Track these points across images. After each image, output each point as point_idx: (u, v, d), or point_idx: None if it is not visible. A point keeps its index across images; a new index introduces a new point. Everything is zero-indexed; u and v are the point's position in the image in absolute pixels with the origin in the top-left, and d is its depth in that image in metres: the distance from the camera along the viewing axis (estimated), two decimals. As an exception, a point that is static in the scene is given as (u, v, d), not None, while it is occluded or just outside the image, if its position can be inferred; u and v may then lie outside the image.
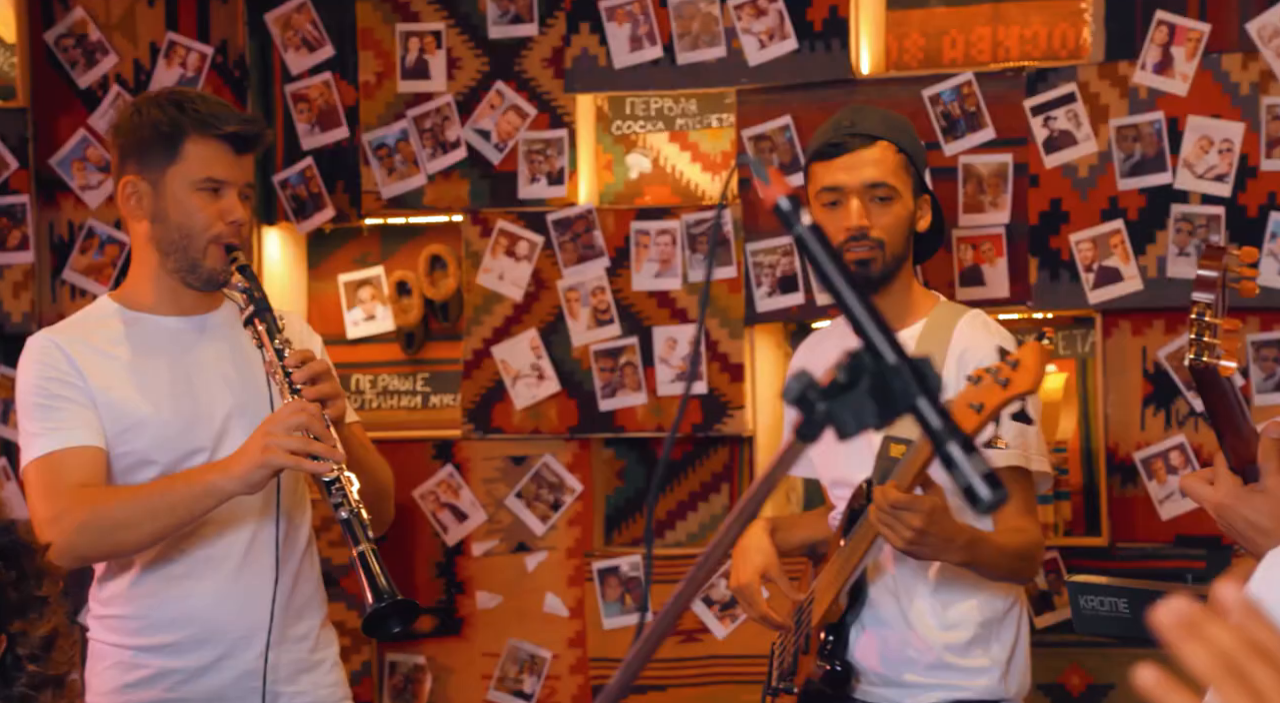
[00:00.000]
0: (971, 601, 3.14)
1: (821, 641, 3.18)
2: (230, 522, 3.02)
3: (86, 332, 3.06)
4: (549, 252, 4.26)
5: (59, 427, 2.98)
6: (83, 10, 4.43)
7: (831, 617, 3.17)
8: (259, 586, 3.04)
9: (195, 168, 3.02)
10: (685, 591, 1.48)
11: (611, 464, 4.34)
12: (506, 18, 4.29)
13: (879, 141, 3.16)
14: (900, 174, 3.18)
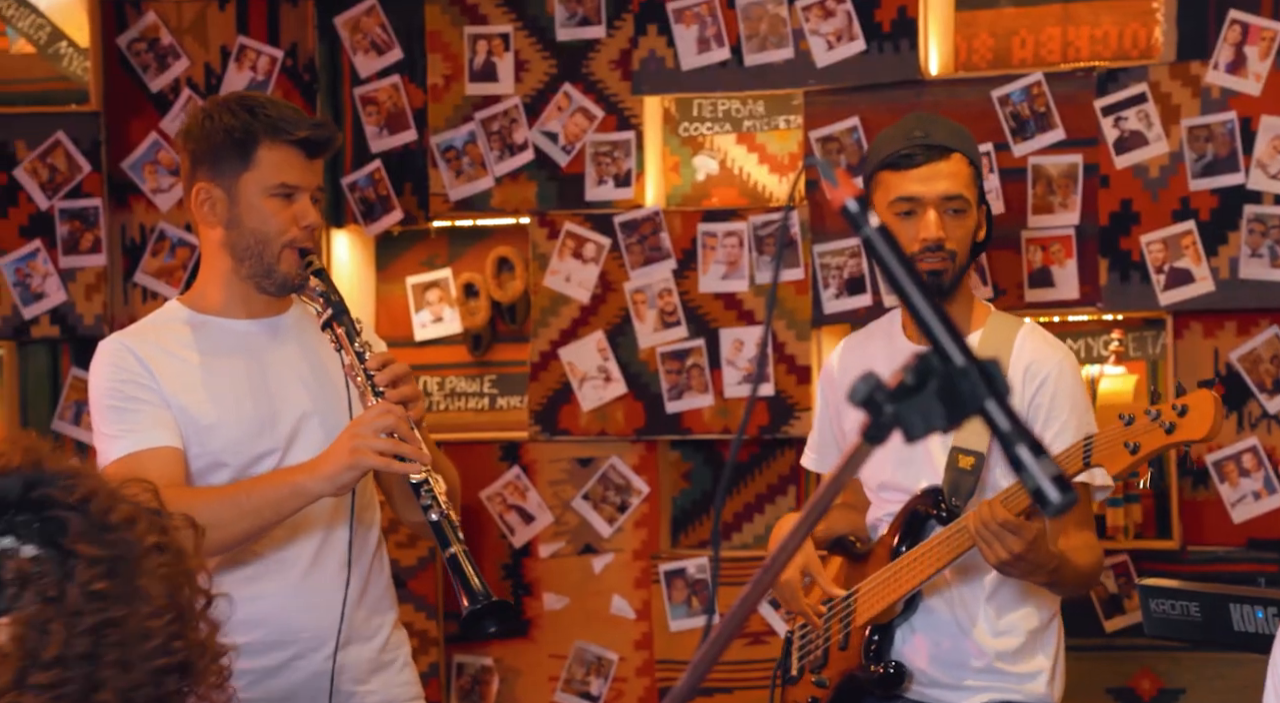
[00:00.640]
0: (1022, 610, 3.19)
1: (866, 639, 3.19)
2: (301, 524, 3.04)
3: (157, 335, 3.08)
4: (616, 254, 4.26)
5: (135, 428, 3.00)
6: (155, 15, 4.46)
7: (883, 619, 3.19)
8: (329, 587, 3.05)
9: (268, 174, 3.03)
10: (752, 593, 1.48)
11: (678, 466, 4.33)
12: (574, 20, 4.30)
13: (954, 154, 3.17)
14: (971, 186, 3.19)
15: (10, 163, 4.48)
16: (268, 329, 3.10)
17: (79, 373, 4.46)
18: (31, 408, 4.51)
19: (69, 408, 4.48)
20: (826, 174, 1.49)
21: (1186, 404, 2.90)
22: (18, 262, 4.48)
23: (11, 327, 4.49)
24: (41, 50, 4.61)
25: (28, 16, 4.61)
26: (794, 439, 4.19)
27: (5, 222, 4.49)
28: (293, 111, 3.09)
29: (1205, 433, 2.88)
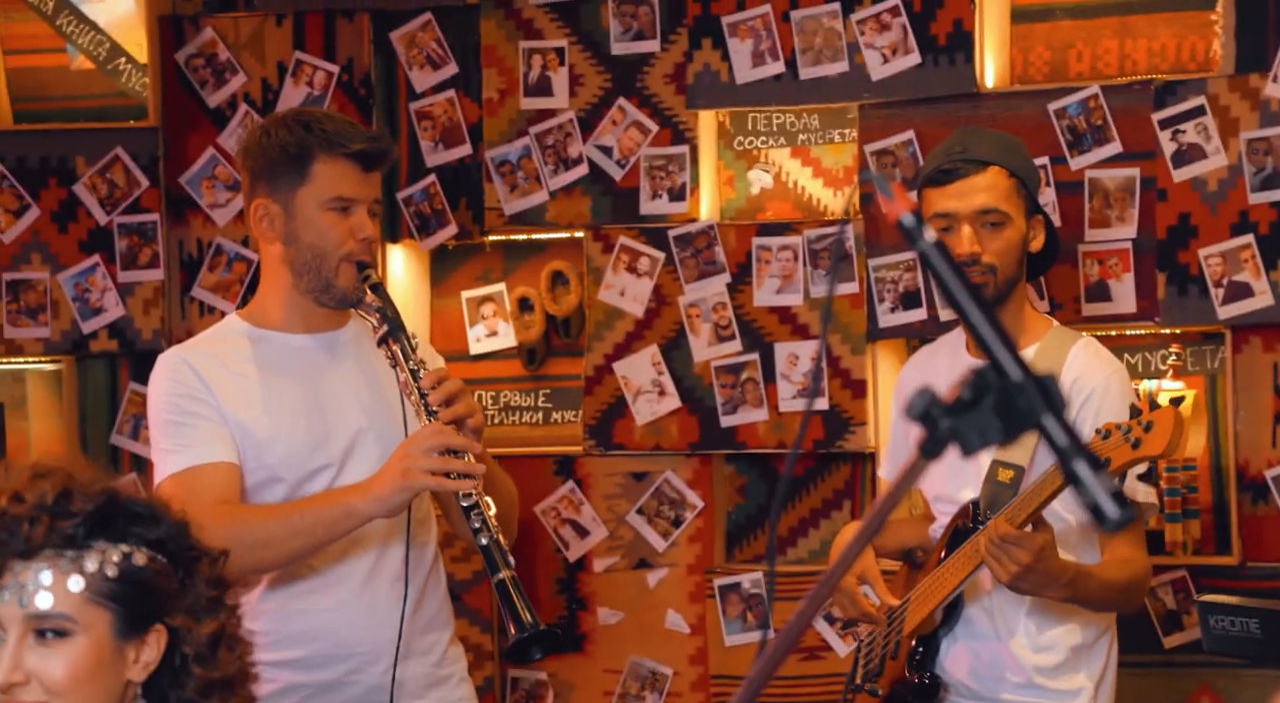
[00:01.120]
0: (1065, 626, 3.17)
1: (911, 649, 3.19)
2: (358, 539, 3.04)
3: (216, 349, 3.09)
4: (670, 267, 4.26)
5: (192, 443, 3.01)
6: (212, 31, 4.49)
7: (925, 629, 3.19)
8: (385, 602, 3.05)
9: (324, 187, 3.05)
10: (807, 608, 1.48)
11: (732, 480, 4.33)
12: (629, 34, 4.30)
13: (990, 167, 3.16)
14: (1012, 198, 3.17)
15: (70, 178, 4.52)
16: (325, 344, 3.11)
17: (137, 387, 4.49)
18: (90, 423, 4.54)
19: (127, 422, 4.51)
20: (882, 188, 1.49)
21: (1152, 420, 2.86)
22: (77, 276, 4.51)
23: (70, 341, 4.52)
24: (101, 67, 4.65)
25: (88, 33, 4.65)
26: (849, 454, 4.18)
27: (65, 237, 4.52)
28: (348, 125, 3.10)
29: (1161, 449, 2.84)
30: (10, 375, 4.61)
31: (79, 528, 2.03)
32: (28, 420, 4.60)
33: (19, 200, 4.53)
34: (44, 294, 4.52)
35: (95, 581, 2.03)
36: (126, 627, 2.05)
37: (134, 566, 2.04)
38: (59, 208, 4.53)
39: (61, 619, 2.03)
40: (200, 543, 2.11)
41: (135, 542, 2.05)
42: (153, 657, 2.07)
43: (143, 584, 2.05)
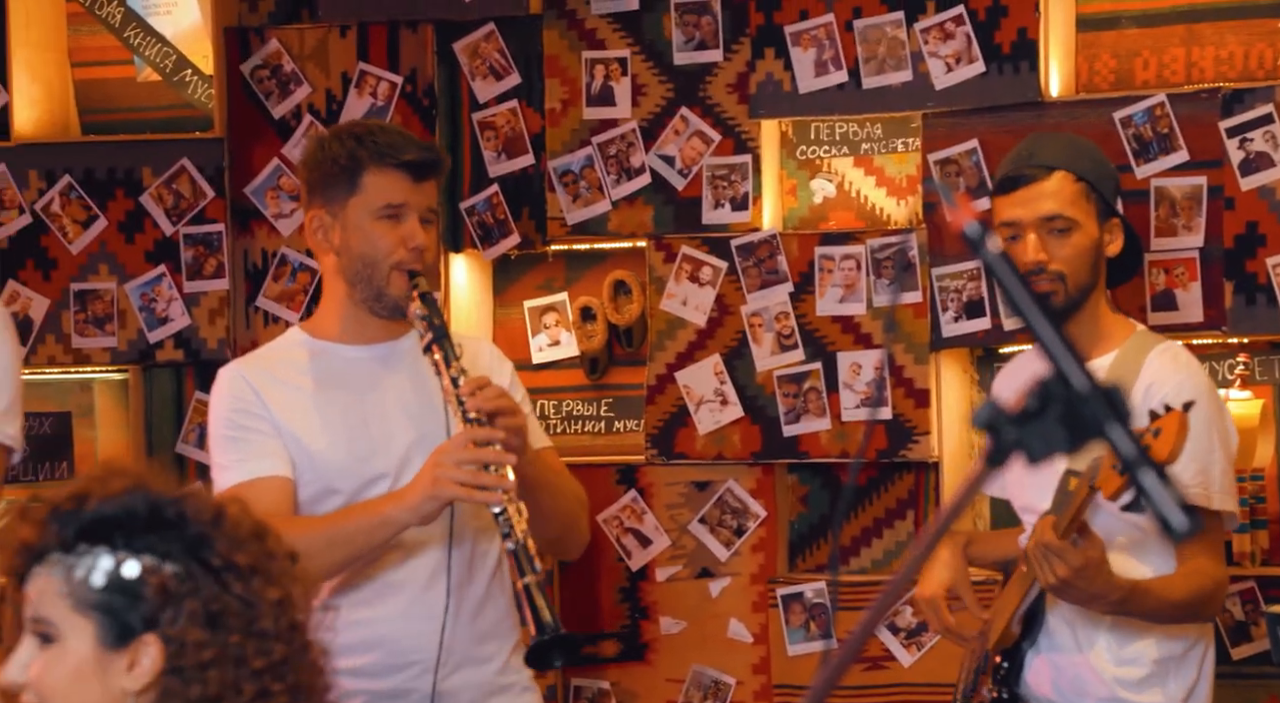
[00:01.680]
0: (1148, 638, 3.10)
1: (996, 664, 3.16)
2: (414, 548, 3.05)
3: (272, 363, 3.12)
4: (732, 277, 4.26)
5: (246, 458, 3.04)
6: (277, 42, 4.52)
7: (1006, 642, 3.16)
8: (439, 611, 3.06)
9: (374, 197, 3.08)
10: (871, 618, 1.47)
11: (795, 490, 4.32)
12: (691, 44, 4.31)
13: (1055, 172, 3.13)
14: (1079, 203, 3.14)
15: (137, 189, 4.56)
16: (381, 355, 3.12)
17: (202, 396, 4.51)
18: (156, 431, 4.57)
19: (192, 430, 4.54)
20: (946, 197, 1.48)
21: (1160, 426, 2.78)
22: (143, 286, 4.55)
23: (137, 351, 4.56)
24: (167, 78, 4.69)
25: (154, 45, 4.69)
26: (912, 463, 4.17)
27: (131, 247, 4.56)
28: (400, 136, 3.13)
29: (1166, 456, 2.76)
30: (78, 385, 4.65)
31: (73, 534, 2.02)
32: (95, 429, 4.64)
33: (87, 211, 4.57)
34: (111, 304, 4.56)
35: (80, 589, 2.01)
36: (113, 637, 2.02)
37: (123, 577, 2.01)
38: (126, 218, 4.57)
39: (47, 624, 2.02)
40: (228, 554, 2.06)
41: (138, 550, 2.02)
42: (148, 666, 2.02)
43: (133, 596, 2.01)
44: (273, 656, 2.06)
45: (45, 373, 4.63)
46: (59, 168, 4.58)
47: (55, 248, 4.57)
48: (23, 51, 4.62)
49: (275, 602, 2.07)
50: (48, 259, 4.57)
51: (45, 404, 4.62)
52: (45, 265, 4.57)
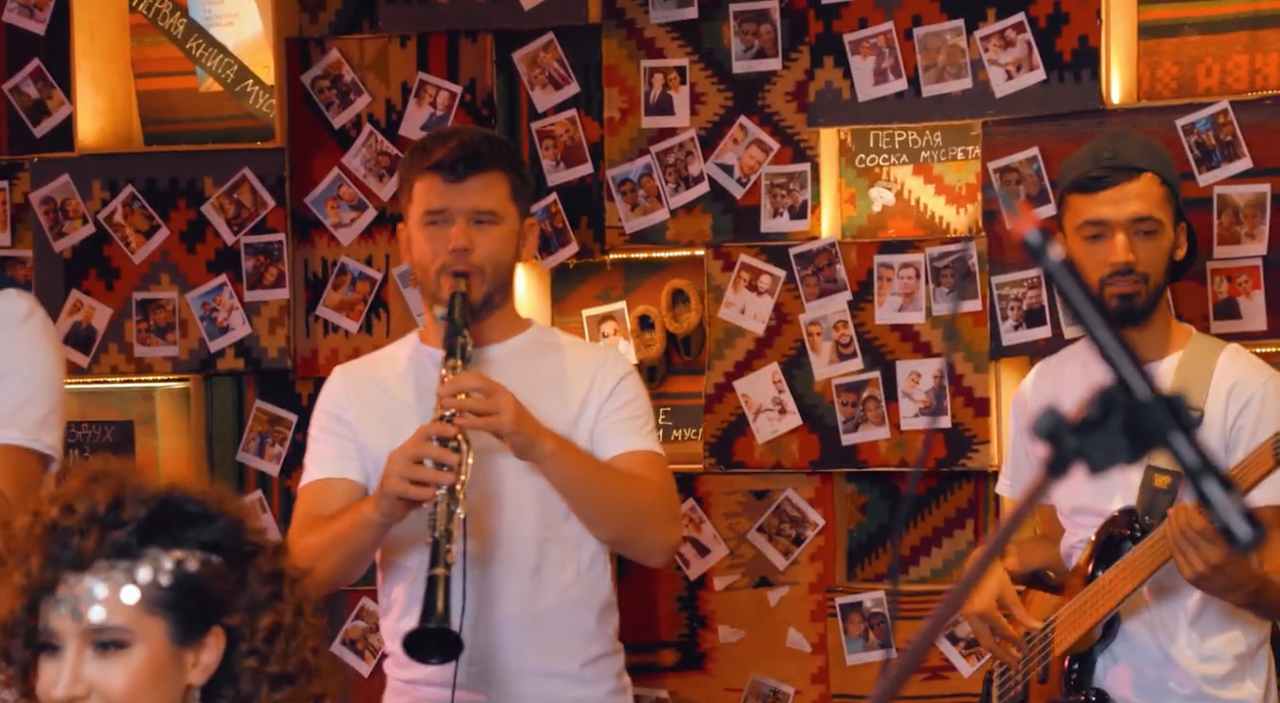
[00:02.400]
0: (1229, 634, 3.10)
1: (1065, 669, 3.14)
2: None
3: (377, 366, 3.19)
4: (791, 285, 4.26)
5: (322, 458, 3.10)
6: (338, 52, 4.54)
7: (1081, 647, 3.13)
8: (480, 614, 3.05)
9: (419, 204, 3.13)
10: (931, 628, 1.47)
11: (854, 499, 4.31)
12: (750, 53, 4.31)
13: (1144, 174, 3.12)
14: (1164, 206, 3.14)
15: (198, 199, 4.59)
16: (476, 358, 3.11)
17: (263, 405, 4.54)
18: (217, 440, 4.60)
19: (253, 439, 4.57)
20: (1007, 205, 1.48)
21: None
22: (204, 296, 4.58)
23: (198, 360, 4.59)
24: (229, 89, 4.72)
25: (216, 56, 4.72)
26: (972, 472, 4.15)
27: (193, 257, 4.59)
28: (437, 139, 3.17)
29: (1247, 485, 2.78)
30: (140, 393, 4.68)
31: (131, 537, 2.02)
32: (156, 438, 4.67)
33: (149, 221, 4.60)
34: (173, 313, 4.59)
35: (149, 590, 2.02)
36: (183, 633, 2.04)
37: (187, 572, 2.03)
38: (187, 228, 4.60)
39: (118, 631, 2.02)
40: (257, 537, 2.09)
41: (189, 546, 2.04)
42: (212, 659, 2.05)
43: (197, 590, 2.03)
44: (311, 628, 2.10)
45: (108, 382, 4.66)
46: (122, 178, 4.61)
47: (118, 257, 4.61)
48: (87, 62, 4.66)
49: (294, 578, 2.11)
50: (110, 269, 4.60)
51: (108, 413, 4.66)
52: (108, 275, 4.60)
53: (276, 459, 4.54)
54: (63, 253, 4.63)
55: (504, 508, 3.09)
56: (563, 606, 3.11)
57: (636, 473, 3.11)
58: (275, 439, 4.54)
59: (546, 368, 3.13)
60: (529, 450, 2.97)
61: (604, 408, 3.12)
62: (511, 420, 2.94)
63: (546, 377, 3.12)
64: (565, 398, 3.11)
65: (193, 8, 4.73)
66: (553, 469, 2.99)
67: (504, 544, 3.09)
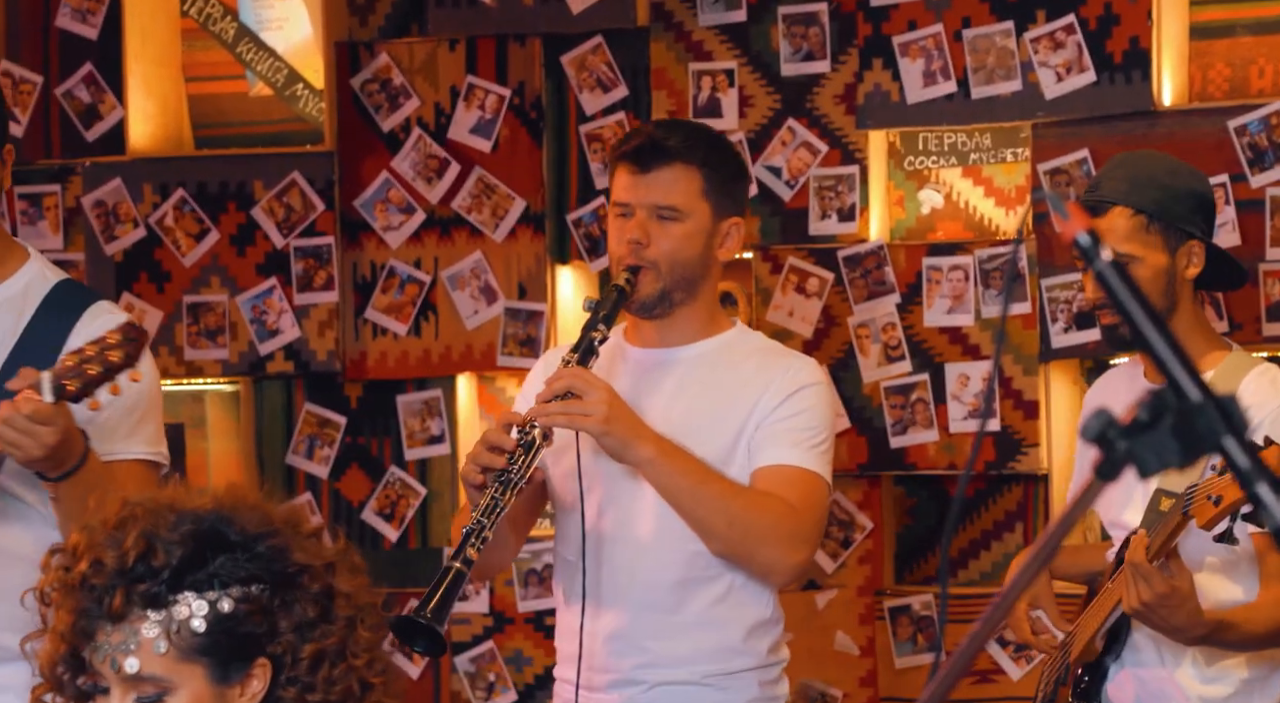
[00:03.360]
0: (1238, 657, 3.05)
1: (1078, 677, 3.14)
2: (605, 559, 3.04)
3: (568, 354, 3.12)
4: (839, 288, 4.25)
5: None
6: (387, 56, 4.56)
7: (1088, 656, 3.13)
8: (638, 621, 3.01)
9: (613, 194, 3.08)
10: (981, 631, 1.46)
11: (902, 502, 4.30)
12: (799, 55, 4.30)
13: (1112, 208, 3.07)
14: (1138, 236, 3.06)
15: (248, 202, 4.61)
16: (658, 359, 3.08)
17: (312, 408, 4.56)
18: (266, 443, 4.62)
19: (302, 442, 4.58)
20: (1057, 207, 1.47)
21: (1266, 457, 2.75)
22: (254, 298, 4.60)
23: (248, 362, 4.61)
24: (279, 92, 4.74)
25: (266, 60, 4.74)
26: (1021, 475, 4.14)
27: (243, 260, 4.61)
28: (638, 129, 3.15)
29: None
30: (190, 396, 4.70)
31: (160, 587, 2.00)
32: (207, 441, 4.69)
33: (199, 224, 4.63)
34: (223, 316, 4.61)
35: (182, 639, 2.00)
36: (224, 673, 2.02)
37: (221, 614, 2.00)
38: (237, 231, 4.62)
39: (156, 682, 2.01)
40: (304, 556, 2.04)
41: (224, 583, 2.01)
42: (259, 688, 2.03)
43: (234, 629, 2.01)
44: (363, 644, 2.06)
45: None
46: (173, 181, 4.64)
47: (168, 261, 4.63)
48: (138, 67, 4.69)
49: (348, 593, 2.07)
50: (161, 272, 4.63)
51: (159, 415, 4.69)
52: (159, 278, 4.63)
53: (325, 462, 4.55)
54: (114, 256, 4.65)
55: (652, 518, 3.00)
56: (707, 616, 3.02)
57: (765, 488, 2.97)
58: (324, 441, 4.56)
59: (732, 373, 3.04)
60: (623, 454, 2.90)
61: (770, 416, 3.00)
62: (598, 421, 2.87)
63: (729, 382, 3.03)
64: (738, 404, 3.01)
65: (243, 12, 4.76)
66: (651, 476, 2.91)
67: (648, 555, 3.02)
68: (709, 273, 3.08)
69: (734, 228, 3.10)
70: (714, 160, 3.07)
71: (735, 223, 3.10)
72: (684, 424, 3.00)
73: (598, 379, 2.92)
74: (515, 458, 2.88)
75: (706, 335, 3.08)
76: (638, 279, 3.01)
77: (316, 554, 2.07)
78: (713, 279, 3.11)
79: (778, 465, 2.98)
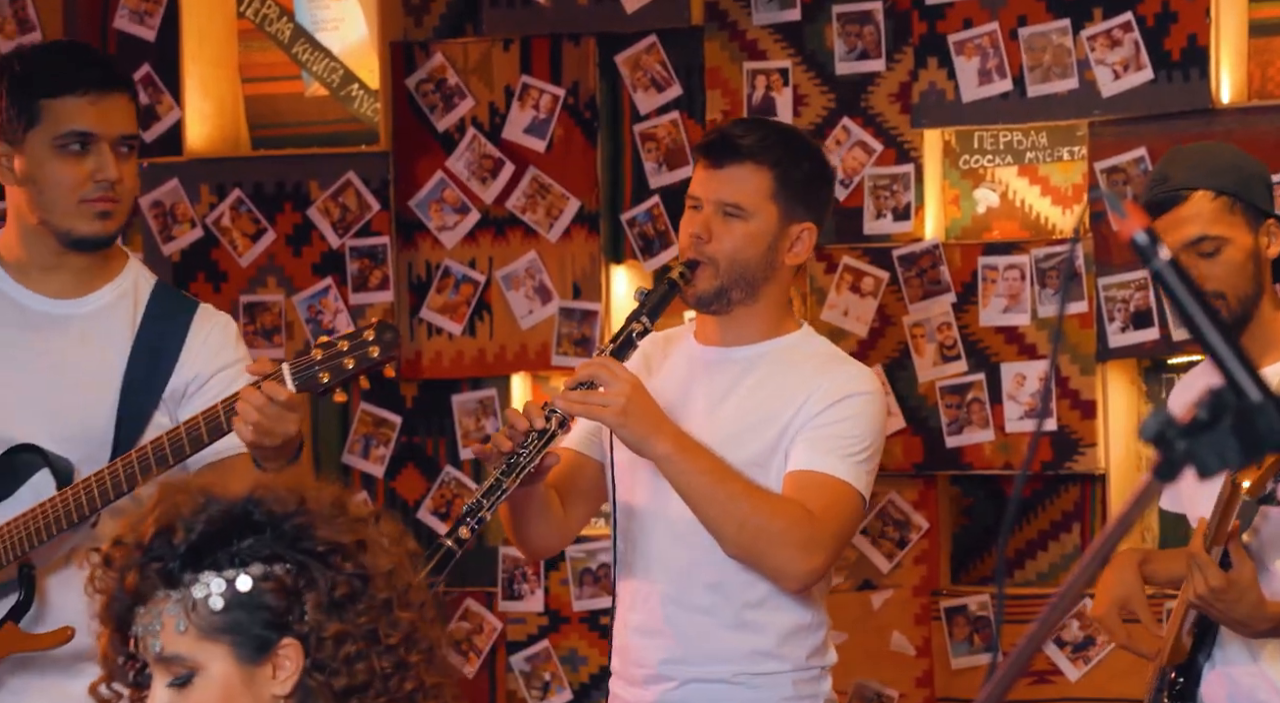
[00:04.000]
0: None
1: (1172, 680, 3.11)
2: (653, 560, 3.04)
3: (649, 346, 3.12)
4: (894, 287, 4.24)
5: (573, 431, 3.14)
6: (442, 56, 4.57)
7: (1178, 657, 3.10)
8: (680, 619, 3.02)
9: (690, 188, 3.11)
10: (1038, 632, 1.45)
11: (958, 502, 4.28)
12: (853, 54, 4.29)
13: (1193, 193, 3.04)
14: (1223, 218, 3.04)
15: (304, 203, 4.63)
16: (717, 357, 3.08)
17: (368, 408, 4.58)
18: (323, 442, 4.64)
19: (358, 442, 4.60)
20: (1114, 206, 1.46)
21: None
22: (310, 298, 4.62)
23: (304, 361, 4.62)
24: (334, 93, 4.76)
25: (322, 61, 4.76)
26: (1078, 475, 4.12)
27: (299, 260, 4.63)
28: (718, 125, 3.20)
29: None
30: (247, 395, 4.72)
31: (175, 565, 2.00)
32: (263, 439, 4.71)
33: (255, 224, 4.65)
34: (279, 316, 4.63)
35: (201, 618, 2.00)
36: (250, 651, 2.01)
37: (240, 592, 2.00)
38: (293, 231, 4.64)
39: (182, 661, 2.01)
40: (331, 535, 2.02)
41: (243, 562, 2.01)
42: (291, 669, 2.02)
43: (255, 607, 2.00)
44: (401, 626, 2.05)
45: (216, 383, 4.71)
46: (229, 182, 4.66)
47: (225, 261, 4.66)
48: (195, 68, 4.72)
49: (387, 572, 2.05)
50: (218, 272, 4.66)
51: (216, 414, 4.71)
52: (216, 278, 4.66)
53: (381, 461, 4.57)
54: (171, 256, 4.68)
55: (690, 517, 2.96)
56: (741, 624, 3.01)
57: (789, 493, 2.94)
58: (380, 441, 4.57)
59: (785, 377, 3.02)
60: (640, 447, 2.89)
61: (812, 421, 2.96)
62: (614, 413, 2.86)
63: (780, 385, 3.01)
64: (784, 407, 2.99)
65: (299, 13, 4.78)
66: (667, 472, 2.90)
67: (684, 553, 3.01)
68: (773, 276, 3.05)
69: (805, 233, 3.06)
70: (789, 163, 3.04)
71: (807, 228, 3.06)
72: (730, 424, 3.00)
73: (624, 370, 2.91)
74: (528, 442, 2.88)
75: (766, 337, 3.07)
76: (694, 274, 3.01)
77: (348, 532, 2.05)
78: (779, 282, 3.07)
79: (807, 470, 2.95)
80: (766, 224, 3.03)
